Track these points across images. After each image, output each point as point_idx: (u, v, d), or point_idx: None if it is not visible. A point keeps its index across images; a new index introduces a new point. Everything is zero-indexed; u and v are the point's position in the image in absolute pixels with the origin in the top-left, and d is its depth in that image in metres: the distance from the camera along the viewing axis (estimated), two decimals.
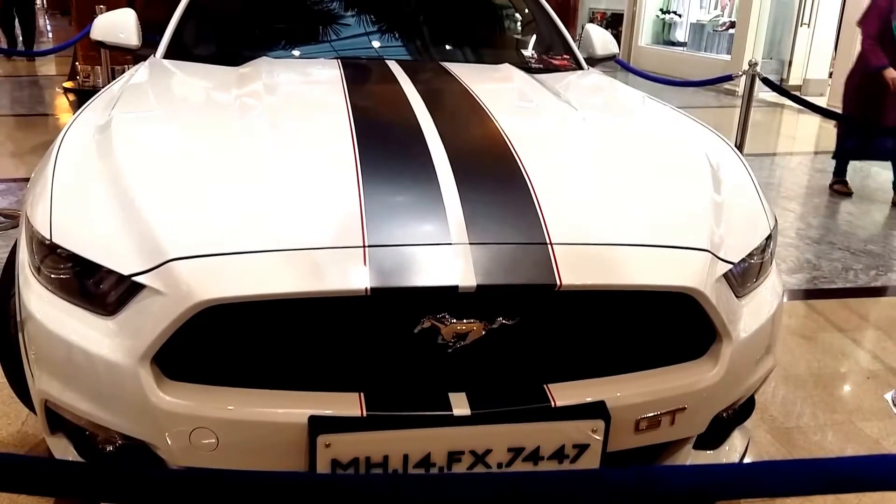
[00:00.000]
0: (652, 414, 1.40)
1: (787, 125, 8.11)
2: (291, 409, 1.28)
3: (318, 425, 1.26)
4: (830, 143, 5.42)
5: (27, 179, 1.72)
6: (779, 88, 4.93)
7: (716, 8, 11.80)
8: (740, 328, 1.49)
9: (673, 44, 12.36)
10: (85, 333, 1.34)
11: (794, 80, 10.02)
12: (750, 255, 1.56)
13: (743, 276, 1.54)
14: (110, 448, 1.45)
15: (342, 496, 0.96)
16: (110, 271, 1.33)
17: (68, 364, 1.36)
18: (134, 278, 1.30)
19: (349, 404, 1.29)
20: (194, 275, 1.26)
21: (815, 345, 2.78)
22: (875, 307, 3.20)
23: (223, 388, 1.31)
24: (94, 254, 1.35)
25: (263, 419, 1.28)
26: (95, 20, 2.70)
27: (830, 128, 7.10)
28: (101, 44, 2.67)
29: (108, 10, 3.30)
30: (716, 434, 1.59)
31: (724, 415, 1.58)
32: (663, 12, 12.56)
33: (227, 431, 1.29)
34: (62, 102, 7.16)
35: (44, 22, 17.85)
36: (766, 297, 1.61)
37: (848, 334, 2.87)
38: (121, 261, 1.32)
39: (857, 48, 4.84)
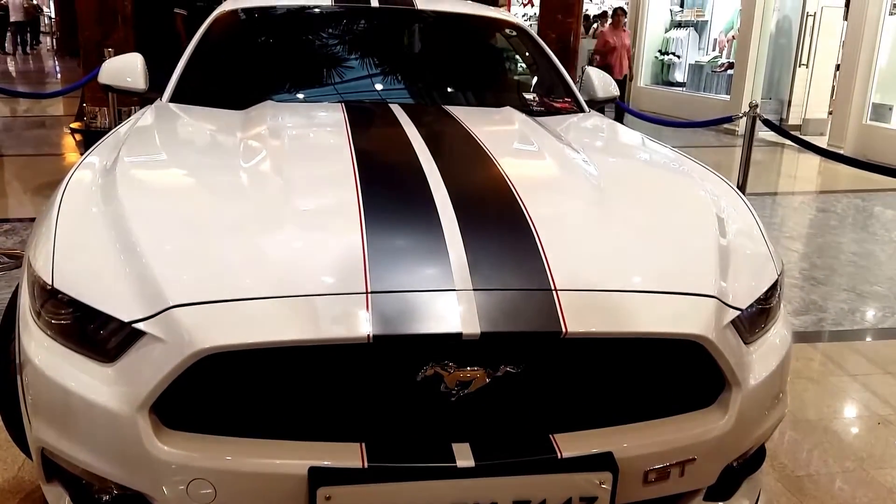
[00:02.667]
0: (661, 465, 1.36)
1: (788, 164, 8.16)
2: (291, 459, 1.25)
3: (319, 477, 1.23)
4: (831, 182, 5.44)
5: (32, 219, 1.72)
6: (779, 129, 4.97)
7: (714, 49, 11.98)
8: (750, 375, 1.46)
9: (672, 84, 12.51)
10: (83, 381, 1.32)
11: (794, 119, 10.12)
12: (758, 301, 1.54)
13: (751, 323, 1.52)
14: (106, 498, 1.41)
15: None
16: (110, 318, 1.31)
17: (66, 411, 1.34)
18: (134, 325, 1.29)
19: (350, 455, 1.26)
20: (195, 322, 1.25)
21: (823, 389, 2.74)
22: (883, 350, 3.16)
23: (221, 438, 1.28)
24: (94, 300, 1.34)
25: (262, 470, 1.25)
26: (104, 64, 2.74)
27: (831, 167, 7.14)
28: (108, 87, 2.70)
29: (115, 53, 3.36)
30: (726, 485, 1.55)
31: (735, 464, 1.54)
32: (662, 53, 12.75)
33: (226, 482, 1.26)
34: (69, 142, 7.23)
35: (53, 63, 18.21)
36: (776, 343, 1.58)
37: (857, 378, 2.83)
38: (121, 307, 1.31)
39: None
